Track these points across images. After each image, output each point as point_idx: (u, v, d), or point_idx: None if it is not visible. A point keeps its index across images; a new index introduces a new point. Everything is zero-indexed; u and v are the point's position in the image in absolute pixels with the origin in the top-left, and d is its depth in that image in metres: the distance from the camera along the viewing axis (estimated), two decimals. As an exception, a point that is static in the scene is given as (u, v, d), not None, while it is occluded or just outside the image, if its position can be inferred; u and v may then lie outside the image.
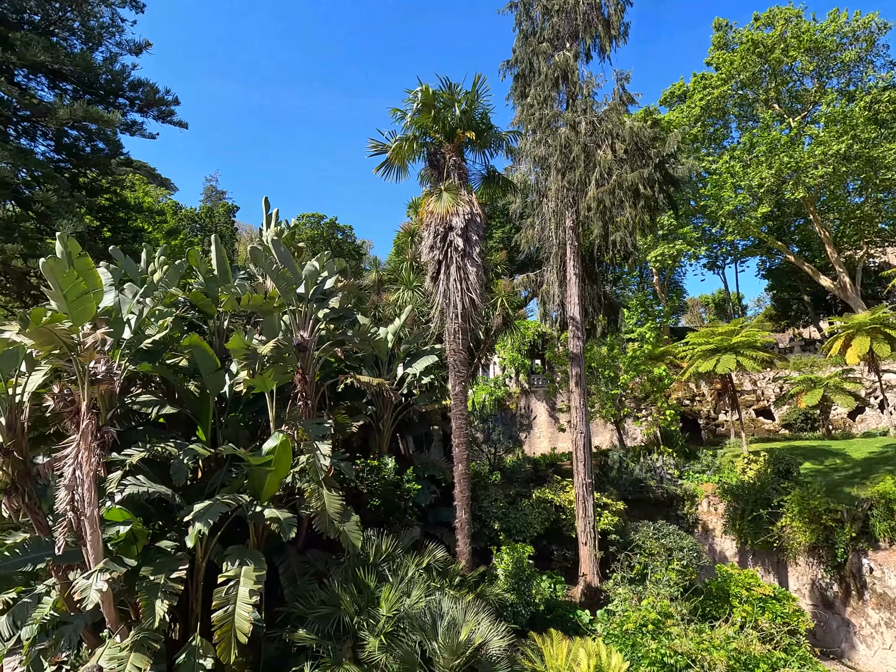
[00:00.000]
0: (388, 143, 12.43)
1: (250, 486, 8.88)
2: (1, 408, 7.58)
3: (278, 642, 8.70)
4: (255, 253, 11.24)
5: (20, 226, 13.61)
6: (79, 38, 15.55)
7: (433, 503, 14.21)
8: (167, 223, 30.35)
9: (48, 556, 7.49)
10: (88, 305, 7.38)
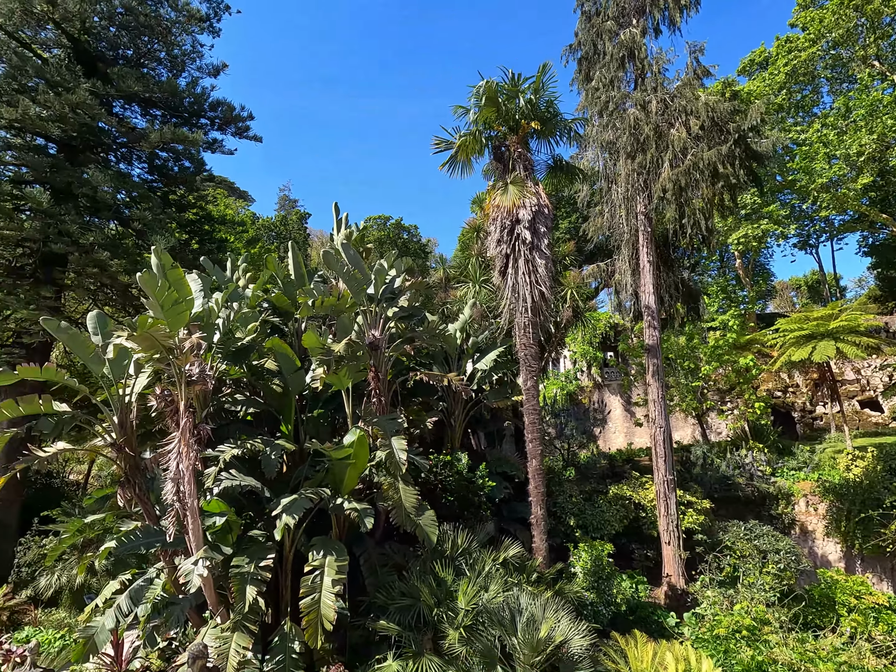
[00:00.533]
0: (453, 139, 12.47)
1: (331, 480, 9.26)
2: (113, 407, 8.39)
3: (362, 630, 9.03)
4: (328, 257, 11.68)
5: (122, 243, 14.98)
6: (165, 66, 16.88)
7: (506, 499, 14.16)
8: (247, 233, 32.28)
9: (157, 542, 8.22)
10: (182, 313, 8.00)
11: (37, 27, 14.73)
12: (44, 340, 14.01)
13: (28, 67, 13.58)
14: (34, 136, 14.50)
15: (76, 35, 14.82)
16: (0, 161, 13.76)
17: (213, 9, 17.74)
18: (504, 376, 16.62)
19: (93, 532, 10.90)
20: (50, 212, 12.85)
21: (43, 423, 8.61)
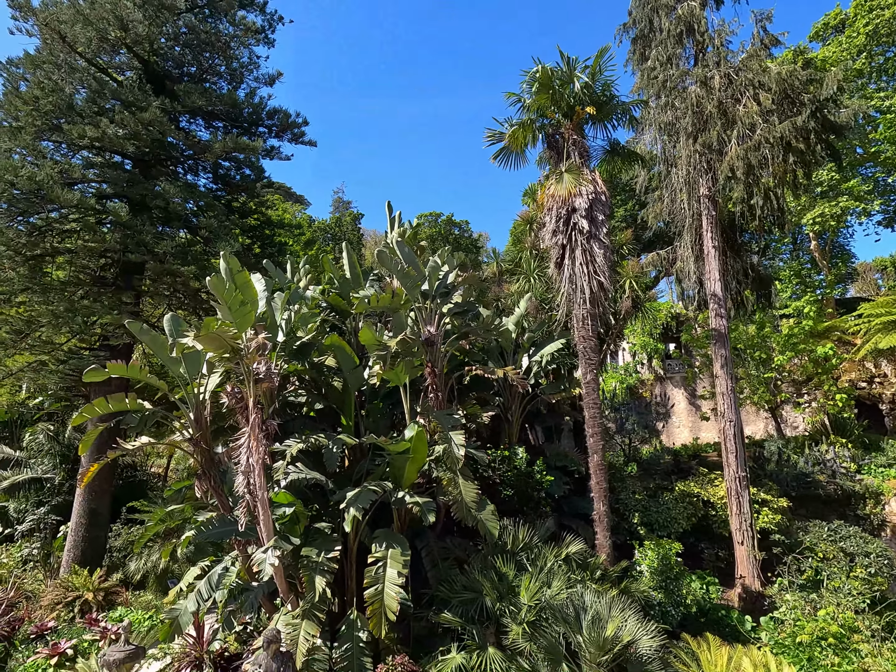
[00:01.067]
0: (505, 130, 12.32)
1: (392, 474, 9.43)
2: (189, 404, 8.92)
3: (425, 622, 9.16)
4: (382, 255, 11.87)
5: (191, 250, 15.87)
6: (225, 79, 17.69)
7: (566, 494, 13.92)
8: (304, 235, 33.40)
9: (231, 531, 8.68)
10: (248, 314, 8.38)
11: (111, 52, 15.83)
12: (126, 343, 15.10)
13: (106, 90, 14.62)
14: (112, 154, 15.61)
15: (146, 57, 15.79)
16: (84, 179, 14.92)
17: (267, 21, 18.40)
18: (561, 370, 16.32)
19: (174, 521, 11.65)
20: (128, 224, 13.81)
21: (129, 419, 9.29)
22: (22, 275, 13.84)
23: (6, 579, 13.58)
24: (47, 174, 12.86)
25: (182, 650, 9.73)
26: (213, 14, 17.02)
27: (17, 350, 14.79)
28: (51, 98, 13.75)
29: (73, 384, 16.00)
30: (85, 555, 14.66)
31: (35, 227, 14.63)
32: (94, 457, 13.78)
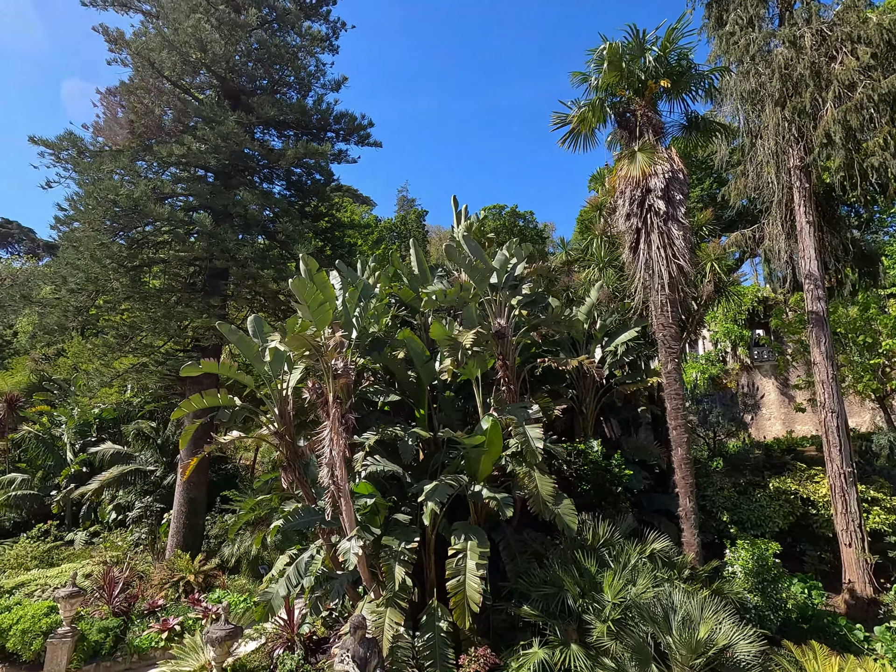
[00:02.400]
0: (572, 112, 11.94)
1: (467, 468, 9.45)
2: (274, 400, 9.40)
3: (505, 615, 9.12)
4: (450, 249, 11.89)
5: (269, 254, 16.72)
6: (294, 89, 18.46)
7: (646, 489, 13.36)
8: (372, 235, 34.28)
9: (316, 521, 9.06)
10: (327, 313, 8.69)
11: (193, 73, 16.96)
12: (215, 344, 16.20)
13: (189, 109, 15.71)
14: (196, 168, 16.76)
15: (223, 74, 16.77)
16: (173, 193, 16.13)
17: (331, 28, 18.99)
18: (637, 360, 15.66)
19: (262, 511, 12.38)
20: (212, 232, 14.77)
21: (221, 414, 9.95)
22: (124, 285, 15.20)
23: (122, 560, 15.02)
24: (142, 191, 14.02)
25: (275, 631, 10.31)
26: (281, 28, 17.78)
27: (122, 353, 16.28)
28: (143, 121, 14.96)
29: (170, 383, 17.41)
30: (186, 540, 15.93)
31: (133, 240, 16.01)
32: (191, 451, 14.92)
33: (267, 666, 9.53)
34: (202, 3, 15.29)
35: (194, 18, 14.88)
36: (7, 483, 20.20)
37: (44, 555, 16.20)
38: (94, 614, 11.70)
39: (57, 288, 15.63)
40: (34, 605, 11.48)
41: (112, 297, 15.57)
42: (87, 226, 14.88)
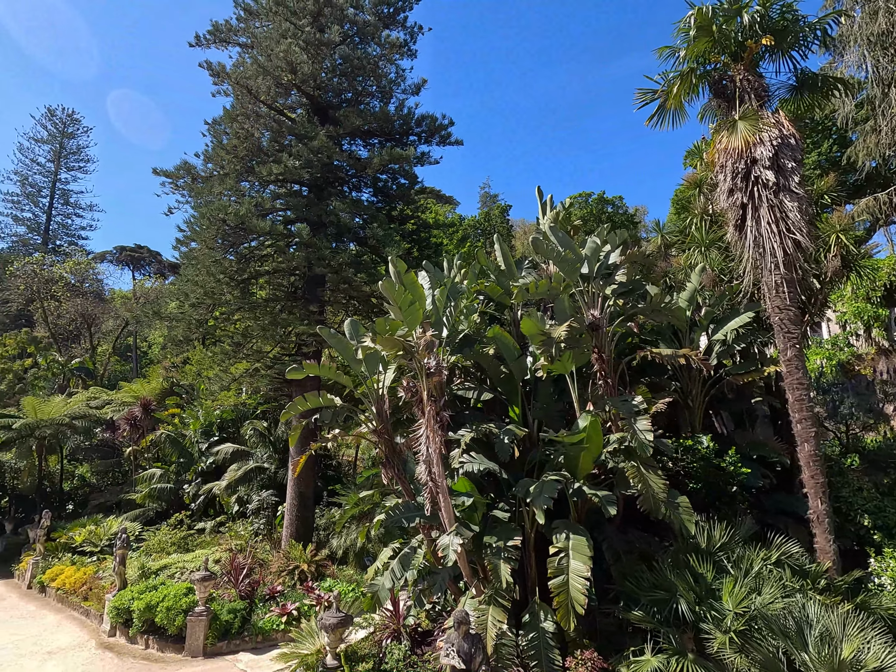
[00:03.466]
0: (659, 86, 11.17)
1: (566, 465, 9.19)
2: (371, 399, 9.76)
3: (612, 618, 8.76)
4: (536, 242, 11.62)
5: (361, 260, 17.44)
6: (376, 97, 19.09)
7: (767, 489, 12.19)
8: (457, 233, 34.59)
9: (416, 516, 9.28)
10: (417, 312, 8.87)
11: (285, 95, 18.13)
12: (315, 349, 17.20)
13: (283, 129, 16.82)
14: (292, 184, 17.89)
15: (311, 92, 17.74)
16: (273, 209, 17.36)
17: (408, 34, 19.34)
18: (750, 348, 14.32)
19: (366, 505, 12.94)
20: (309, 242, 15.68)
21: (324, 415, 10.52)
22: (236, 297, 16.62)
23: (244, 548, 16.45)
24: (247, 209, 15.22)
25: (382, 621, 10.73)
26: (362, 40, 18.44)
27: (237, 359, 17.81)
28: (245, 144, 16.24)
29: (279, 386, 18.76)
30: (298, 531, 17.09)
31: (242, 255, 17.45)
32: (300, 449, 15.96)
33: (376, 654, 9.92)
34: (290, 28, 16.26)
35: (284, 43, 15.86)
36: (149, 477, 22.95)
37: (180, 541, 18.19)
38: (223, 596, 12.92)
39: (181, 303, 17.45)
40: (175, 586, 12.91)
41: (226, 309, 17.10)
42: (203, 245, 16.46)
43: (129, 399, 28.74)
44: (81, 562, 17.96)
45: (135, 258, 60.07)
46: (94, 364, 44.23)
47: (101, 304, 47.81)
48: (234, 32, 18.40)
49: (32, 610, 15.97)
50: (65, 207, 60.12)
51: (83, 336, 47.29)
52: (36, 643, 12.94)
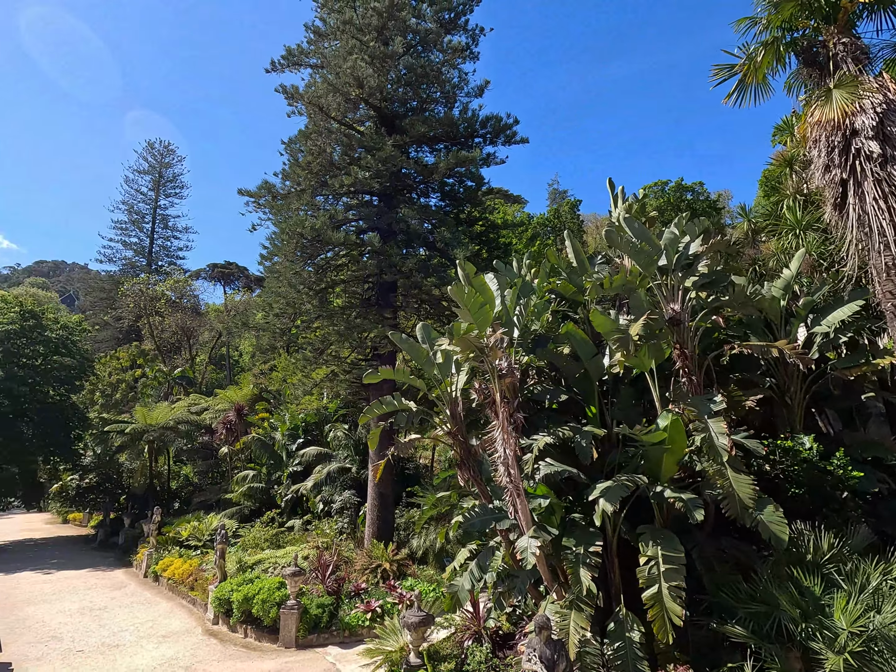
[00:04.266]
0: (739, 60, 10.41)
1: (647, 467, 8.78)
2: (445, 402, 9.86)
3: (705, 631, 8.23)
4: (609, 235, 11.21)
5: (430, 264, 17.71)
6: (440, 103, 19.35)
7: (885, 495, 10.93)
8: (526, 232, 34.21)
9: (493, 519, 9.24)
10: (487, 314, 8.85)
11: (353, 110, 18.85)
12: (390, 351, 17.69)
13: (353, 143, 17.49)
14: (363, 195, 18.55)
15: (378, 104, 18.30)
16: (346, 220, 18.08)
17: (470, 37, 19.44)
18: (859, 339, 12.94)
19: (443, 507, 13.10)
20: (381, 250, 16.18)
21: (400, 418, 10.77)
22: (315, 306, 17.48)
23: (330, 546, 17.19)
24: (322, 222, 15.98)
25: (463, 622, 10.77)
26: (424, 48, 18.76)
27: (317, 365, 18.71)
28: (318, 160, 17.06)
29: (357, 390, 19.47)
30: (380, 530, 17.61)
31: (319, 266, 18.34)
32: (379, 451, 16.44)
33: (458, 655, 9.99)
34: (356, 44, 16.88)
35: (351, 60, 16.49)
36: (243, 478, 24.66)
37: (272, 537, 19.35)
38: (312, 591, 13.57)
39: (266, 314, 18.62)
40: (269, 580, 13.74)
41: (307, 318, 18.03)
42: (284, 258, 17.47)
43: (224, 405, 31.07)
44: (187, 555, 19.62)
45: (225, 274, 64.87)
46: (193, 373, 48.33)
47: (198, 317, 52.18)
48: (305, 55, 19.40)
49: (149, 597, 17.66)
50: (164, 231, 66.11)
51: (183, 347, 51.85)
52: (152, 627, 14.30)
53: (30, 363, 28.41)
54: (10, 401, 26.88)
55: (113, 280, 57.26)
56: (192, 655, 12.13)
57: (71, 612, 15.72)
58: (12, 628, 14.27)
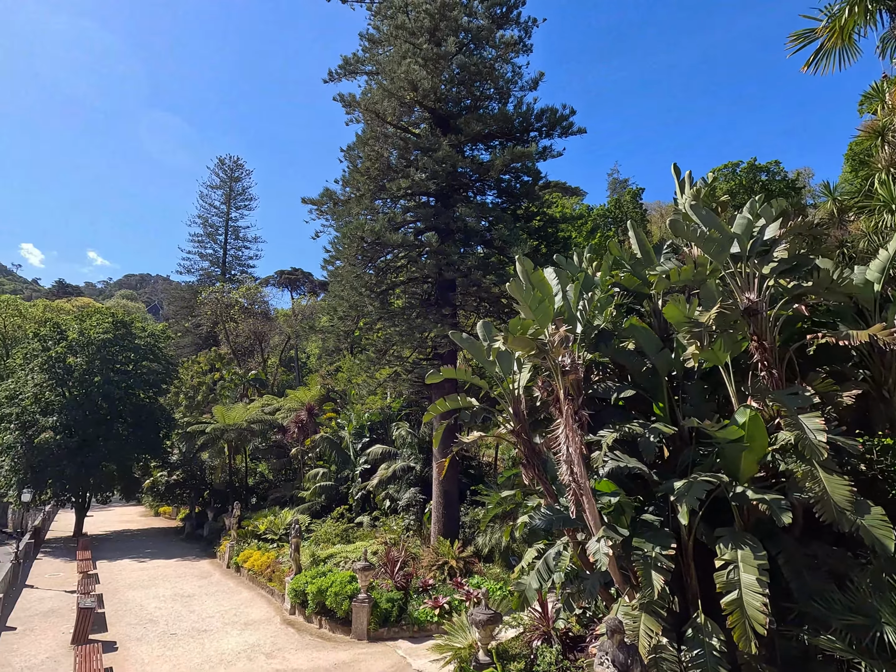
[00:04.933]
0: (819, 24, 9.61)
1: (723, 466, 8.32)
2: (507, 400, 9.80)
3: (795, 642, 7.67)
4: (675, 223, 10.69)
5: (489, 262, 17.65)
6: (494, 99, 19.21)
7: None
8: (586, 225, 33.34)
9: (560, 518, 9.07)
10: (547, 310, 8.70)
11: (408, 113, 19.12)
12: (450, 350, 17.80)
13: (409, 145, 17.76)
14: (420, 196, 18.77)
15: (432, 106, 18.46)
16: (404, 221, 18.38)
17: (522, 30, 19.18)
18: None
19: (508, 505, 13.00)
20: (439, 250, 16.33)
21: (463, 416, 10.82)
22: (376, 307, 17.90)
23: (397, 542, 17.56)
24: (381, 224, 16.34)
25: (531, 622, 10.67)
26: (477, 45, 18.71)
27: (380, 365, 19.15)
28: (376, 165, 17.47)
29: (419, 389, 19.75)
30: (445, 528, 17.77)
31: (379, 268, 18.78)
32: (443, 448, 16.60)
33: (527, 655, 9.89)
34: (409, 48, 17.11)
35: (405, 64, 16.74)
36: (314, 476, 25.67)
37: (342, 533, 20.03)
38: (381, 586, 13.92)
39: (330, 317, 19.31)
40: (340, 574, 14.24)
41: (369, 319, 18.51)
42: (345, 262, 18.03)
43: (294, 405, 32.50)
44: (265, 548, 20.70)
45: (292, 280, 67.88)
46: (265, 375, 50.98)
47: (269, 322, 55.04)
48: (361, 63, 19.90)
49: (231, 586, 18.81)
50: (236, 241, 70.15)
51: (256, 351, 54.78)
52: (235, 615, 15.22)
53: (122, 369, 31.06)
54: (108, 404, 29.55)
55: (192, 289, 61.48)
56: (272, 643, 12.80)
57: (164, 598, 17.05)
58: (116, 610, 15.69)
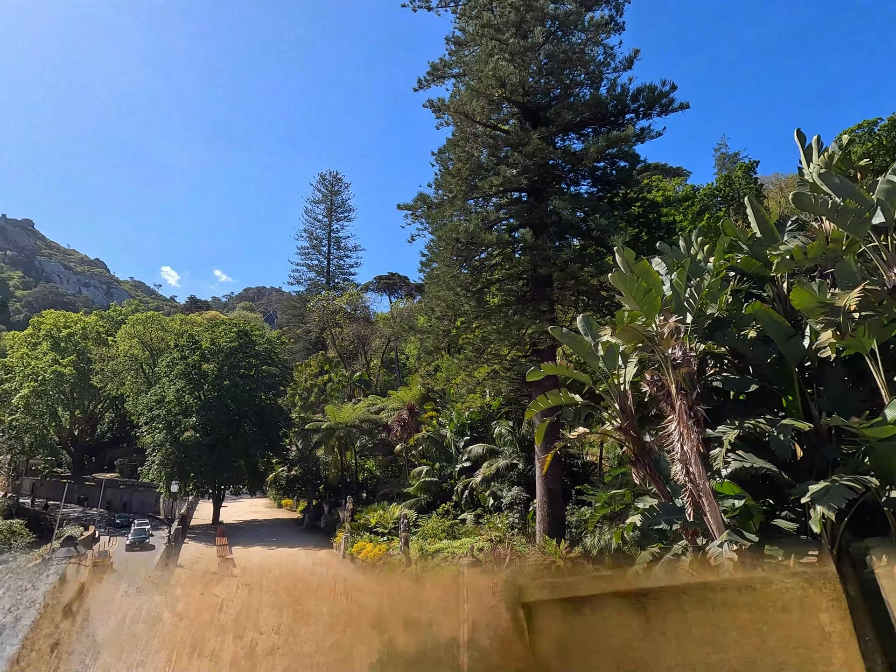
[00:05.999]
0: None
1: (873, 467, 7.31)
2: (613, 395, 9.41)
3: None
4: (800, 197, 9.56)
5: (586, 253, 17.08)
6: (585, 85, 18.52)
7: None
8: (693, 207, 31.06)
9: (677, 520, 8.53)
10: (654, 300, 8.23)
11: (496, 110, 19.06)
12: (549, 346, 17.47)
13: (499, 143, 17.71)
14: (512, 192, 18.65)
15: (520, 100, 18.25)
16: (497, 219, 18.36)
17: (613, 8, 18.30)
18: None
19: (616, 505, 12.47)
20: (533, 245, 16.10)
21: (565, 412, 10.58)
22: (473, 306, 18.08)
23: (502, 540, 17.58)
24: (475, 224, 16.47)
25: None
26: (564, 32, 18.18)
27: (479, 363, 19.30)
28: (467, 165, 17.64)
29: (518, 386, 19.63)
30: (550, 527, 17.47)
31: (474, 267, 18.94)
32: (545, 447, 16.35)
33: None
34: (496, 44, 17.06)
35: (492, 61, 16.72)
36: (418, 473, 26.52)
37: (448, 528, 20.47)
38: (489, 582, 14.00)
39: (428, 318, 19.82)
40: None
41: (466, 318, 18.74)
42: (441, 263, 18.40)
43: (396, 404, 33.81)
44: (376, 540, 21.77)
45: (389, 284, 70.71)
46: (368, 376, 53.69)
47: (370, 326, 57.97)
48: (448, 66, 20.20)
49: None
50: (338, 251, 74.68)
51: (359, 353, 57.87)
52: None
53: (246, 373, 34.59)
54: (236, 405, 33.09)
55: (301, 299, 66.49)
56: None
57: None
58: (250, 591, 17.32)
